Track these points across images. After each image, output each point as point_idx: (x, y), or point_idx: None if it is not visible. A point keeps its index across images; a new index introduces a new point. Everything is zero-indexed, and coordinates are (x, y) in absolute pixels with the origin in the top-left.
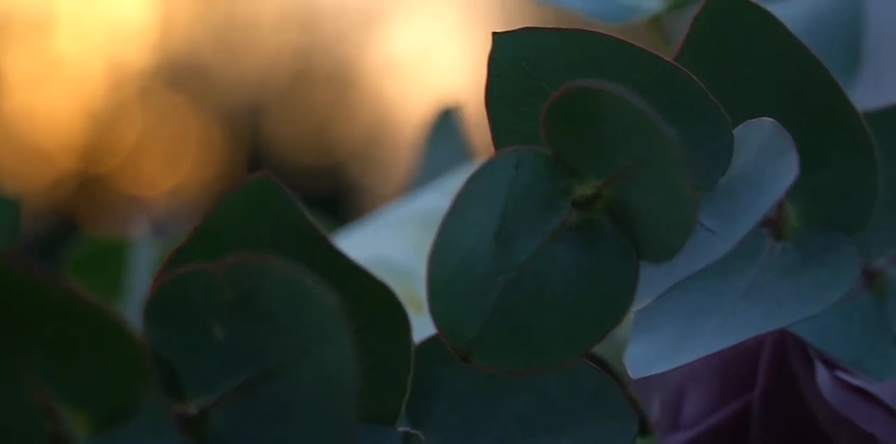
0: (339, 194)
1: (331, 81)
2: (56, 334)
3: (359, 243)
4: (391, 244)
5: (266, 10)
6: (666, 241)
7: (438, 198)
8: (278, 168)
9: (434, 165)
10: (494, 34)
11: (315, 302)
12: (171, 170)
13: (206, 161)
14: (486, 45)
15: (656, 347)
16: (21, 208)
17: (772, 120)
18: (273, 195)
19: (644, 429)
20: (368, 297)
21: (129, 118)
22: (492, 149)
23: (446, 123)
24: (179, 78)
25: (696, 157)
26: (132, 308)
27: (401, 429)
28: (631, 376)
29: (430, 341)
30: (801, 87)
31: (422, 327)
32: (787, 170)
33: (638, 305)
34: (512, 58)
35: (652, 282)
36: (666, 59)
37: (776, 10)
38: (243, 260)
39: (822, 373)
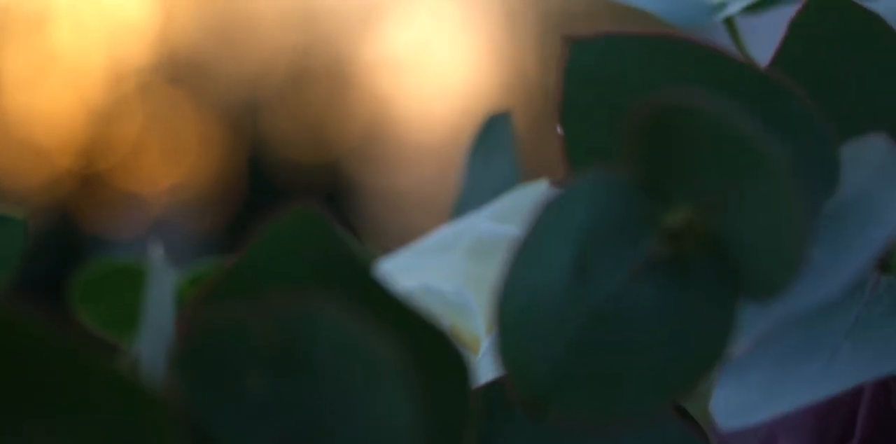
0: (337, 191)
1: (329, 78)
2: (64, 391)
3: (404, 271)
4: (439, 273)
5: (265, 6)
6: (770, 277)
7: (489, 222)
8: (277, 165)
9: (481, 180)
10: (569, 41)
11: (368, 350)
12: (171, 167)
13: (205, 158)
14: (486, 42)
15: (747, 395)
16: (27, 230)
17: (884, 138)
18: (317, 227)
19: None
20: (423, 341)
21: (128, 115)
22: (559, 164)
23: (494, 132)
24: (179, 75)
25: (799, 180)
26: (148, 344)
27: None
28: (720, 428)
29: (492, 387)
30: None
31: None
32: None
33: (734, 349)
34: (588, 67)
35: (749, 323)
36: (761, 68)
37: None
38: (286, 302)
39: None
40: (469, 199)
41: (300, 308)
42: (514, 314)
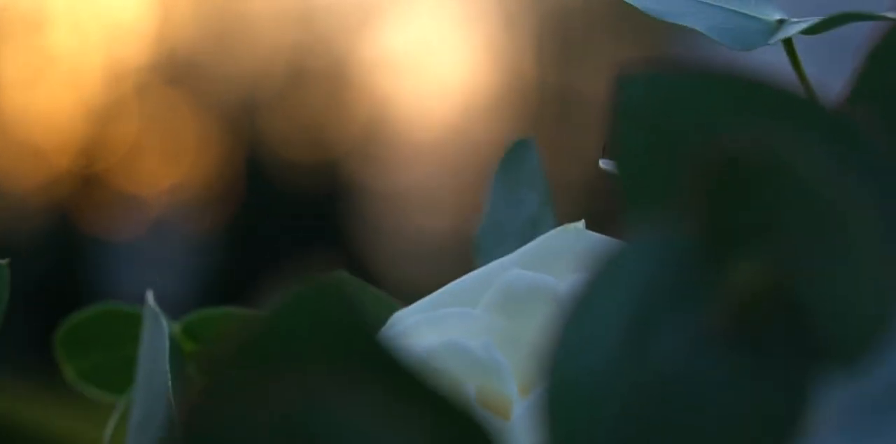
0: (336, 191)
1: (328, 78)
2: None
3: (425, 325)
4: (464, 328)
5: (262, 7)
6: (851, 346)
7: (520, 269)
8: (275, 165)
9: (506, 214)
10: (619, 78)
11: (387, 436)
12: (169, 167)
13: (203, 158)
14: (483, 41)
15: None
16: (8, 276)
17: None
18: (337, 301)
19: None
20: (447, 423)
21: (126, 116)
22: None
23: (520, 160)
24: (176, 75)
25: (885, 235)
26: (142, 405)
27: None
28: None
29: None
30: None
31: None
32: None
33: (810, 427)
34: (640, 104)
35: (828, 397)
36: (832, 108)
37: None
38: (301, 384)
39: None
40: (493, 235)
41: (316, 392)
42: (562, 381)
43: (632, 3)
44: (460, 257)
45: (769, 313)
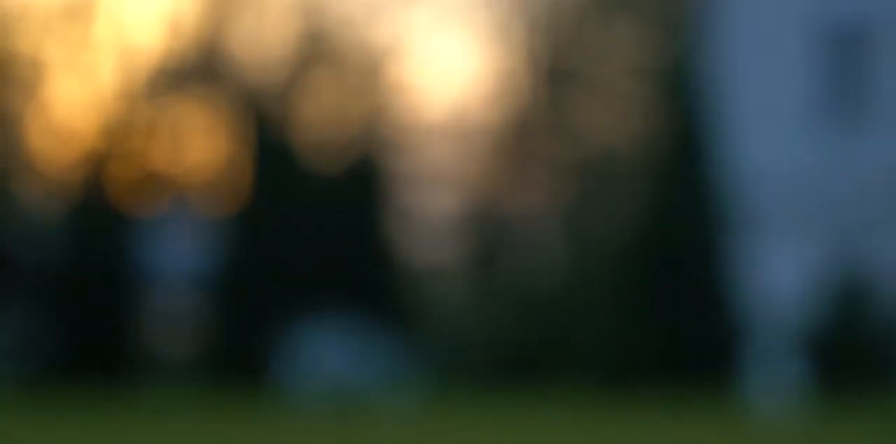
0: (351, 173)
1: (344, 67)
2: None
3: None
4: None
5: None
6: None
7: None
8: (294, 151)
9: None
10: None
11: None
12: (193, 149)
13: (224, 140)
14: (494, 27)
15: None
16: None
17: None
18: None
19: None
20: None
21: (152, 100)
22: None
23: None
24: (198, 61)
25: None
26: None
27: None
28: None
29: None
30: None
31: None
32: None
33: None
34: None
35: None
36: None
37: None
38: None
39: None
40: None
41: None
42: None
43: None
44: (472, 235)
45: None
